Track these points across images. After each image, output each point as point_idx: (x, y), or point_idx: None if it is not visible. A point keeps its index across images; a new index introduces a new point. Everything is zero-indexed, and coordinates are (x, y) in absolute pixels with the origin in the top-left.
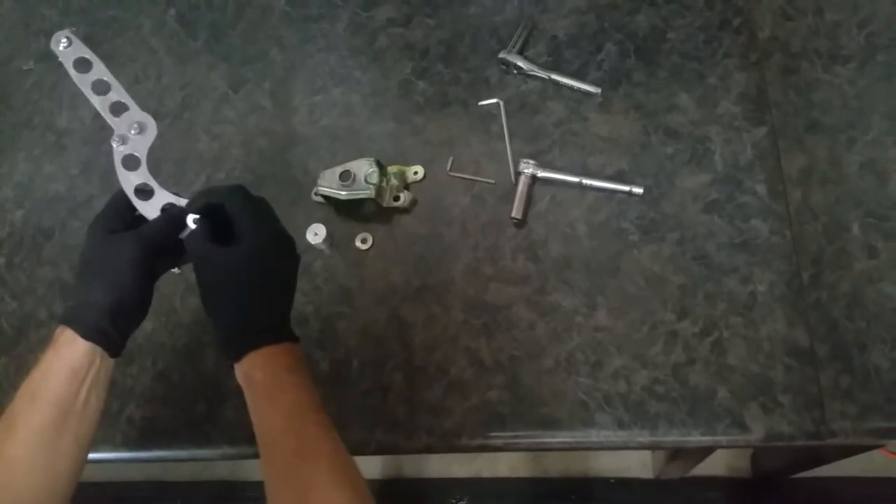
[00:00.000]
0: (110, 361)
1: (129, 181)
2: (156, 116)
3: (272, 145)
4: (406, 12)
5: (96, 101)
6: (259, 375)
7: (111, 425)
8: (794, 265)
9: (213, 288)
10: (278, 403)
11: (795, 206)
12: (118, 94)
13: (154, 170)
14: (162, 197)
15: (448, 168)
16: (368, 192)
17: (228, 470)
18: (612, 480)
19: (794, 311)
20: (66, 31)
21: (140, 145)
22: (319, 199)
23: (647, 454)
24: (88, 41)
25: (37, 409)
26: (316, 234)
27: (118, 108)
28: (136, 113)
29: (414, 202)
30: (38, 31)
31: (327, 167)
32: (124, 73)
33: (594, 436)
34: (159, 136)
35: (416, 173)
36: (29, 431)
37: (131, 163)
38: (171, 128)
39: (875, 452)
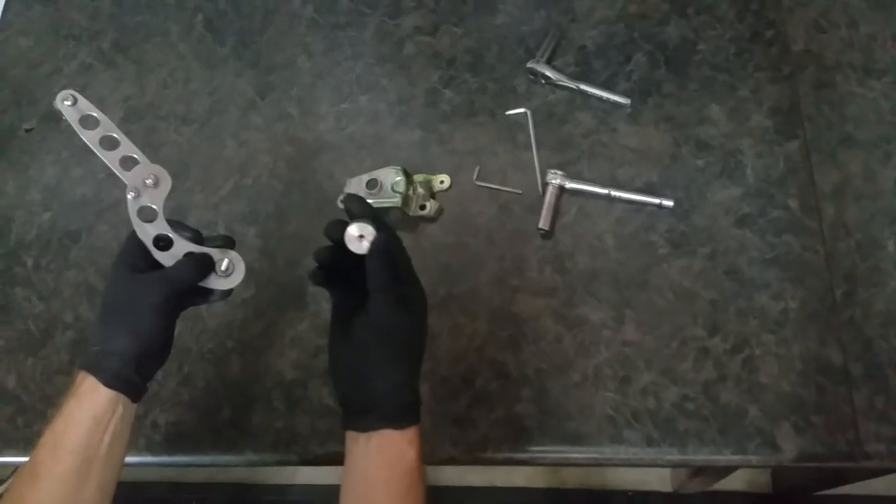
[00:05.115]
0: (133, 406)
1: (147, 233)
2: (183, 121)
3: (299, 152)
4: (433, 21)
5: (106, 158)
6: (412, 454)
7: (135, 429)
8: (826, 282)
9: (375, 341)
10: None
11: (829, 221)
12: (127, 148)
13: (182, 175)
14: (181, 246)
15: (474, 177)
16: (395, 201)
17: (244, 473)
18: (630, 493)
19: (827, 329)
20: (70, 91)
21: (155, 197)
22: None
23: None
24: (117, 46)
25: (60, 458)
26: (362, 236)
27: (129, 163)
28: (147, 166)
29: (440, 211)
30: (67, 36)
31: (353, 175)
32: (152, 77)
33: (622, 452)
34: (186, 140)
35: (442, 182)
36: (52, 481)
37: (147, 214)
38: (199, 133)
39: None
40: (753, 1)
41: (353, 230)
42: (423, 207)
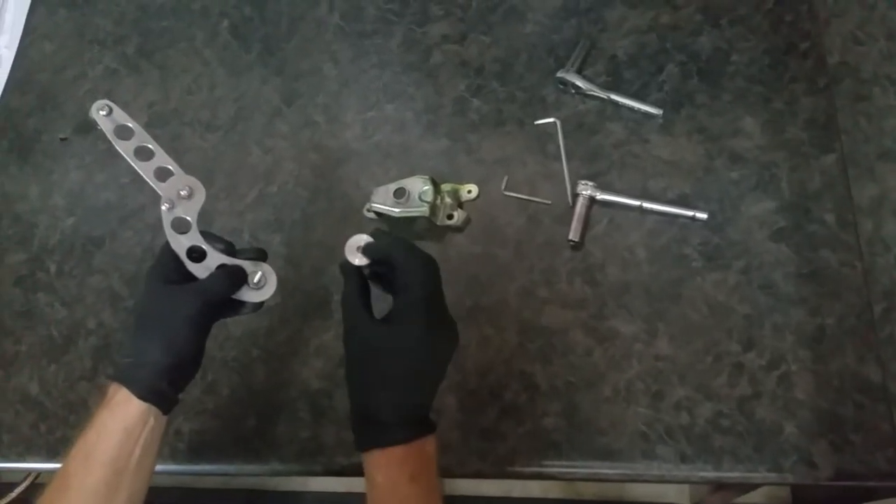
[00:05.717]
0: (163, 419)
1: (181, 244)
2: (208, 128)
3: (325, 160)
4: (461, 29)
5: (140, 169)
6: (379, 479)
7: None
8: (864, 298)
9: (359, 362)
10: None
11: (866, 236)
12: (162, 159)
13: (207, 182)
14: (214, 258)
15: (503, 187)
16: (423, 211)
17: (257, 479)
18: None
19: (865, 346)
20: (106, 101)
21: (189, 209)
22: (371, 215)
23: None
24: (141, 51)
25: (90, 470)
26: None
27: (163, 174)
28: (182, 177)
29: (468, 221)
30: (91, 40)
31: (379, 183)
32: (177, 83)
33: (655, 469)
34: (212, 147)
35: (469, 192)
36: (82, 492)
37: (181, 226)
38: (224, 140)
39: None
40: (788, 12)
41: (354, 241)
42: (450, 217)
